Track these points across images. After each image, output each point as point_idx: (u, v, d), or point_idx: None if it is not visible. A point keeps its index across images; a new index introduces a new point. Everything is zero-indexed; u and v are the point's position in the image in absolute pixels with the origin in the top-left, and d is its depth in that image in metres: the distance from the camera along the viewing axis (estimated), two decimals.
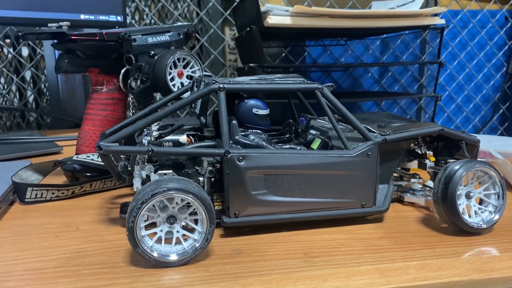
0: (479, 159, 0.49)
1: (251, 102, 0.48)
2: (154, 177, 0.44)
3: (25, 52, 1.23)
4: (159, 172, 0.44)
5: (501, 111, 1.34)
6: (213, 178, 0.44)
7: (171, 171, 0.45)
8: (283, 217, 0.44)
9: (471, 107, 1.33)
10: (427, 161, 0.53)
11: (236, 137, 0.45)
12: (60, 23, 0.58)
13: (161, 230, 0.39)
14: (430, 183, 0.55)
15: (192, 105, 0.51)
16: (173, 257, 0.38)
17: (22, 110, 1.26)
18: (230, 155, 0.42)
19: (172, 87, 0.56)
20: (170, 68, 0.56)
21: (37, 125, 1.28)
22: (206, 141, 0.47)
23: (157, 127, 0.49)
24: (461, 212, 0.43)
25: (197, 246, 0.38)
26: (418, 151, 0.54)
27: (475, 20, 1.27)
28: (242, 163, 0.42)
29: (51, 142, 0.86)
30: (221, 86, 0.44)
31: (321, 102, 0.47)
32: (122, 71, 0.59)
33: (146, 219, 0.38)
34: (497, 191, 0.46)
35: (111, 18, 0.90)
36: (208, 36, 1.20)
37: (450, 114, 1.32)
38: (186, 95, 0.51)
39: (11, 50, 1.15)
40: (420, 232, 0.45)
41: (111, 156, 0.46)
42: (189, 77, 0.58)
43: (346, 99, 0.90)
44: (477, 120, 1.34)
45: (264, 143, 0.46)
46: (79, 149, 0.62)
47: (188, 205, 0.39)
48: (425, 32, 1.24)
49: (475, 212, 0.45)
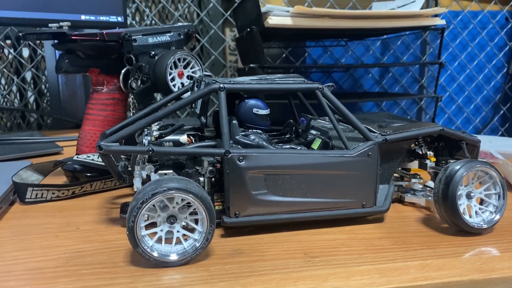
0: (480, 159, 0.49)
1: (252, 102, 0.48)
2: (155, 177, 0.44)
3: (26, 53, 1.23)
4: (160, 172, 0.44)
5: (502, 112, 1.34)
6: (214, 178, 0.44)
7: (172, 171, 0.44)
8: (284, 217, 0.44)
9: (472, 108, 1.33)
10: (428, 161, 0.52)
11: (237, 137, 0.45)
12: (61, 23, 0.58)
13: (161, 230, 0.39)
14: (431, 184, 0.55)
15: (193, 105, 0.51)
16: (173, 257, 0.38)
17: (23, 111, 1.26)
18: (231, 155, 0.42)
19: (173, 87, 0.56)
20: (171, 68, 0.56)
21: (38, 126, 1.28)
22: (207, 141, 0.47)
23: (158, 127, 0.49)
24: (462, 212, 0.43)
25: (198, 246, 0.38)
26: (419, 151, 0.53)
27: (476, 21, 1.27)
28: (243, 163, 0.42)
29: (52, 143, 0.86)
30: (222, 86, 0.44)
31: (322, 102, 0.47)
32: (123, 71, 0.59)
33: (147, 219, 0.38)
34: (498, 191, 0.45)
35: (112, 19, 0.91)
36: (209, 37, 1.20)
37: (451, 115, 1.32)
38: (187, 95, 0.51)
39: (12, 51, 1.15)
40: (421, 232, 0.45)
41: (112, 156, 0.46)
42: (190, 78, 0.58)
43: (347, 100, 0.90)
44: (478, 121, 1.34)
45: (265, 143, 0.46)
46: (80, 149, 0.62)
47: (189, 205, 0.39)
48: (426, 33, 1.24)
49: (476, 212, 0.45)
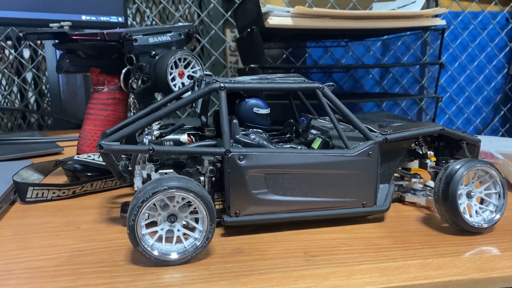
0: (480, 159, 0.49)
1: (252, 101, 0.48)
2: (155, 176, 0.44)
3: (27, 54, 1.23)
4: (160, 171, 0.44)
5: (502, 113, 1.34)
6: (214, 178, 0.44)
7: (172, 170, 0.45)
8: (284, 217, 0.44)
9: (472, 109, 1.33)
10: (428, 161, 0.52)
11: (237, 136, 0.45)
12: (62, 23, 0.58)
13: (162, 229, 0.39)
14: (431, 183, 0.55)
15: (193, 105, 0.51)
16: (174, 256, 0.38)
17: (23, 111, 1.27)
18: (231, 154, 0.42)
19: (173, 87, 0.56)
20: (171, 68, 0.56)
21: (38, 126, 1.28)
22: (207, 141, 0.47)
23: (158, 127, 0.49)
24: (462, 212, 0.43)
25: (198, 245, 0.38)
26: (419, 151, 0.53)
27: (476, 22, 1.27)
28: (243, 162, 0.42)
29: (52, 143, 0.87)
30: (222, 85, 0.44)
31: (322, 102, 0.47)
32: (123, 71, 0.59)
33: (147, 218, 0.38)
34: (498, 191, 0.45)
35: (112, 19, 0.91)
36: (209, 38, 1.20)
37: (451, 116, 1.32)
38: (187, 95, 0.51)
39: (13, 52, 1.16)
40: (421, 232, 0.45)
41: (112, 155, 0.46)
42: (190, 77, 0.58)
43: (347, 100, 0.90)
44: (478, 122, 1.34)
45: (265, 142, 0.46)
46: (80, 149, 0.62)
47: (189, 204, 0.39)
48: (426, 34, 1.24)
49: (476, 212, 0.45)
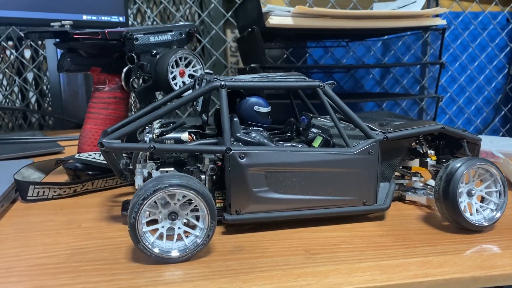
0: (481, 157, 0.49)
1: (253, 100, 0.48)
2: (156, 174, 0.44)
3: (28, 54, 1.23)
4: (161, 170, 0.45)
5: (503, 113, 1.34)
6: (215, 176, 0.44)
7: (173, 169, 0.45)
8: (284, 215, 0.44)
9: (473, 109, 1.33)
10: (429, 160, 0.52)
11: (238, 135, 0.45)
12: (63, 22, 0.58)
13: (163, 227, 0.39)
14: (432, 182, 0.55)
15: (194, 103, 0.51)
16: (175, 253, 0.38)
17: (24, 111, 1.27)
18: (232, 152, 0.42)
19: (174, 86, 0.56)
20: (172, 67, 0.56)
21: (39, 126, 1.29)
22: (208, 139, 0.47)
23: (159, 125, 0.49)
24: (463, 210, 0.43)
25: (199, 243, 0.38)
26: (420, 150, 0.53)
27: (477, 22, 1.27)
28: (244, 160, 0.42)
29: (53, 142, 0.87)
30: (223, 84, 0.44)
31: (323, 100, 0.47)
32: (124, 70, 0.59)
33: (148, 216, 0.38)
34: (499, 189, 0.45)
35: (113, 19, 0.91)
36: (210, 38, 1.20)
37: (452, 116, 1.32)
38: (188, 93, 0.51)
39: (14, 52, 1.16)
40: (422, 230, 0.45)
41: (113, 153, 0.46)
42: (191, 76, 0.58)
43: (348, 100, 0.90)
44: (479, 122, 1.34)
45: (266, 141, 0.46)
46: (81, 148, 0.62)
47: (190, 202, 0.39)
48: (427, 34, 1.24)
49: (477, 210, 0.45)
